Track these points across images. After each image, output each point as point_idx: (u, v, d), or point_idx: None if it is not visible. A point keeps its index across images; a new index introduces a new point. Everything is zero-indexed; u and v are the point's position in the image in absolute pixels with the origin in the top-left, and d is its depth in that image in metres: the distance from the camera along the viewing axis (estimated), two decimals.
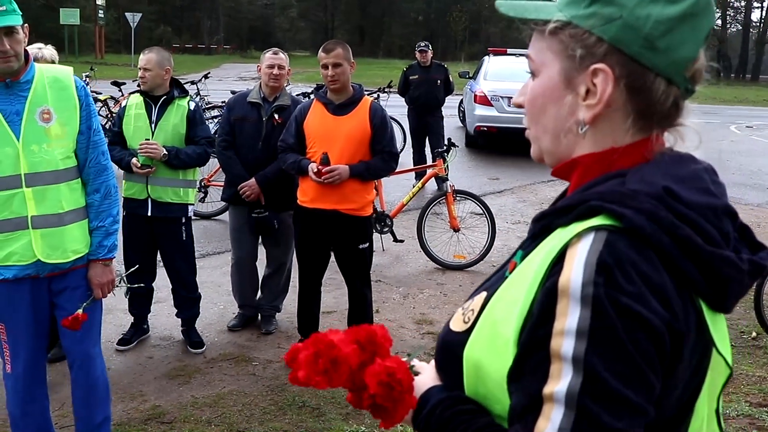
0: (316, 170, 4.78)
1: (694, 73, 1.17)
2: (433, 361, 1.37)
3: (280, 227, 5.65)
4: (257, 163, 5.51)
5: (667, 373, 1.06)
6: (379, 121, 4.93)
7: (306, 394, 4.74)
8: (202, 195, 9.21)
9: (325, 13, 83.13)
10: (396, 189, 10.34)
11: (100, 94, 14.10)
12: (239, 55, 68.17)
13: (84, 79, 15.21)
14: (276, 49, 5.79)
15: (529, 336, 1.08)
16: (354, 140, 4.88)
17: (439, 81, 11.85)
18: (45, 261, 3.47)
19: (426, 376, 1.33)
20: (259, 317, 6.04)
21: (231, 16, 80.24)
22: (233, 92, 12.50)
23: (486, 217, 7.79)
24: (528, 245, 1.23)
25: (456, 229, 7.78)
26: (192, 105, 5.37)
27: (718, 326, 1.15)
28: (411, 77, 11.95)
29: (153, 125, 5.24)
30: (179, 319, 5.65)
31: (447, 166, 8.09)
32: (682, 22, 1.13)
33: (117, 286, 3.90)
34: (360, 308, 5.24)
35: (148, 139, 5.16)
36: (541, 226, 1.20)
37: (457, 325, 1.27)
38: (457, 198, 7.89)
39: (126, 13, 42.97)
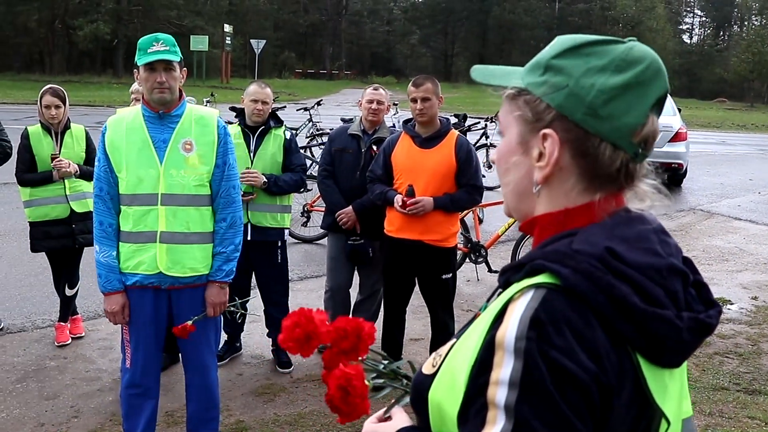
0: (401, 202, 4.94)
1: (645, 138, 1.22)
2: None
3: (375, 255, 5.80)
4: (355, 192, 5.69)
5: (600, 424, 1.11)
6: (465, 155, 5.04)
7: None
8: (305, 219, 9.51)
9: (445, 40, 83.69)
10: (497, 219, 10.38)
11: None
12: (360, 80, 69.33)
13: (204, 103, 15.91)
14: (377, 85, 6.04)
15: (472, 383, 1.16)
16: (439, 173, 5.00)
17: None
18: (166, 273, 3.91)
19: (401, 417, 1.43)
20: None
21: (353, 43, 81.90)
22: (343, 119, 12.89)
23: None
24: (492, 297, 1.32)
25: None
26: (288, 134, 5.65)
27: (662, 380, 1.20)
28: None
29: (252, 154, 5.53)
30: (270, 339, 5.89)
31: None
32: (626, 91, 1.20)
33: (233, 310, 4.23)
34: (442, 337, 5.31)
35: (249, 168, 5.44)
36: (504, 280, 1.27)
37: (427, 369, 1.35)
38: None
39: (251, 40, 44.47)
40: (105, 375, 5.49)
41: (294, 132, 6.02)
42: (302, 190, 6.83)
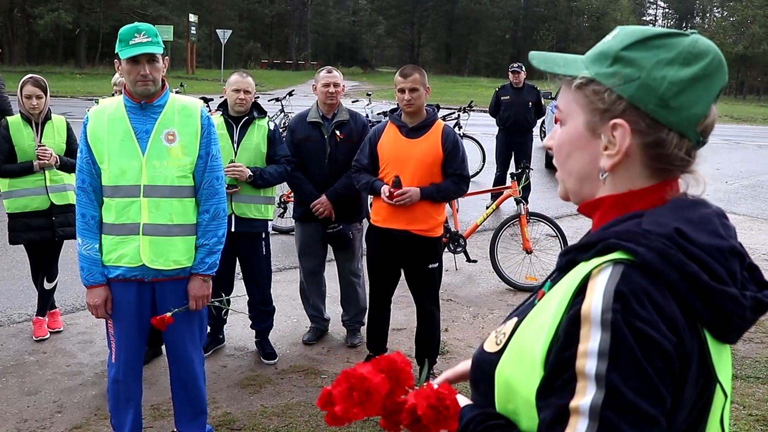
0: (388, 193, 4.93)
1: (706, 127, 1.29)
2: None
3: (354, 238, 5.86)
4: (325, 180, 5.70)
5: (676, 392, 1.18)
6: (451, 145, 5.04)
7: None
8: (282, 210, 9.44)
9: (412, 30, 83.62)
10: (472, 209, 10.41)
11: None
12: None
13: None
14: (330, 67, 5.98)
15: (557, 358, 1.21)
16: (426, 163, 4.99)
17: (530, 103, 11.63)
18: (149, 266, 3.86)
19: (459, 397, 1.45)
20: (345, 332, 6.24)
21: (319, 33, 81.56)
22: None
23: (559, 239, 7.79)
24: (555, 277, 1.37)
25: (529, 251, 7.80)
26: (271, 125, 5.60)
27: (722, 356, 1.26)
28: (502, 98, 11.76)
29: (236, 145, 5.47)
30: (254, 331, 5.86)
31: (525, 187, 8.17)
32: (695, 83, 1.25)
33: (217, 305, 4.18)
34: (428, 326, 5.33)
35: (233, 161, 5.38)
36: (567, 260, 1.33)
37: (490, 347, 1.41)
38: (531, 220, 7.92)
39: (217, 30, 44.04)
40: (86, 369, 5.42)
41: (276, 123, 5.96)
42: None
